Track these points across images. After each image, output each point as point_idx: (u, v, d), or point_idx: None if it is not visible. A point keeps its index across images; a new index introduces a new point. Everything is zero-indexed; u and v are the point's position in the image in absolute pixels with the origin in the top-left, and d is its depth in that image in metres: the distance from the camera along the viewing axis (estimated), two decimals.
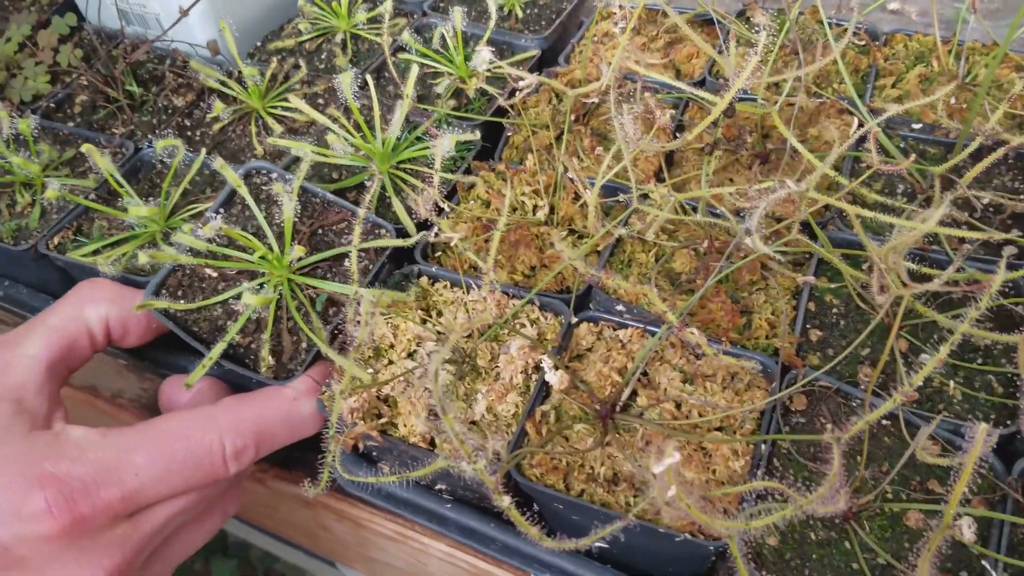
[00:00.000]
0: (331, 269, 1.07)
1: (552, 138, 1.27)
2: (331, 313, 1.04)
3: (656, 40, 1.42)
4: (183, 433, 0.87)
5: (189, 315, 1.02)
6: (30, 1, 1.70)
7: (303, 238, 1.07)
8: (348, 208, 1.10)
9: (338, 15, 1.47)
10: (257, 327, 1.02)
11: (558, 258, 1.10)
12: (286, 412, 0.95)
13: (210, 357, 0.96)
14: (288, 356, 1.00)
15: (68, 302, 0.99)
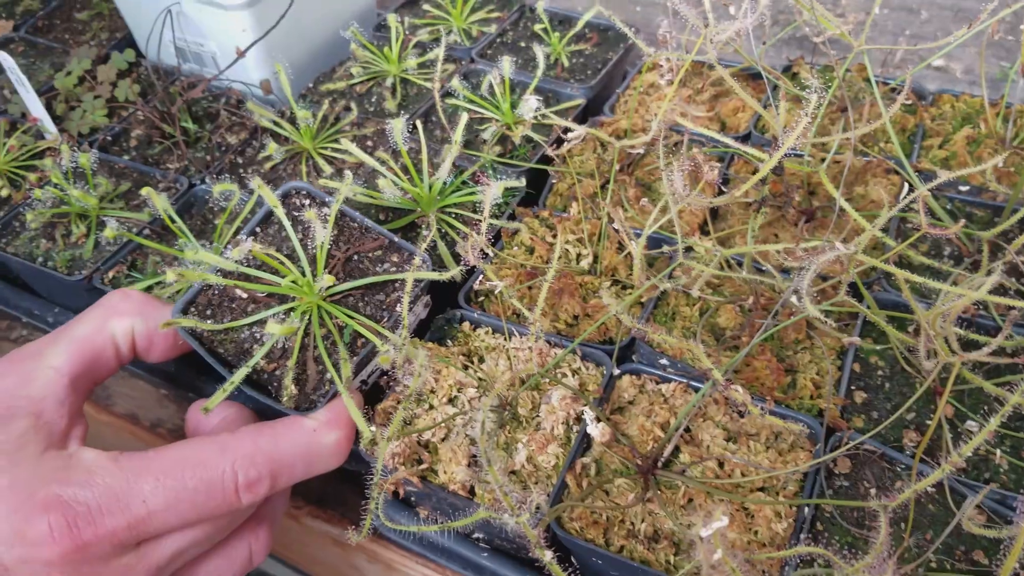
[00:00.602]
0: (363, 298, 1.03)
1: (597, 187, 1.28)
2: (359, 344, 0.99)
3: (702, 93, 1.43)
4: (195, 461, 0.83)
5: (216, 336, 0.99)
6: (90, 36, 1.75)
7: (337, 264, 1.04)
8: (385, 236, 1.06)
9: (389, 60, 1.50)
10: (283, 353, 0.98)
11: (602, 308, 1.10)
12: (305, 444, 0.91)
13: (232, 382, 0.93)
14: (312, 386, 0.96)
15: (95, 313, 0.95)
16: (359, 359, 0.95)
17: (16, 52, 1.70)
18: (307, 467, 0.91)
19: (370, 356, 0.97)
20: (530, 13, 1.66)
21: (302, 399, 0.95)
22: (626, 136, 1.35)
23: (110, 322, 0.94)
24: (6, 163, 1.41)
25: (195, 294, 1.00)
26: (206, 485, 0.83)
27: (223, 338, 0.98)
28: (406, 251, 1.04)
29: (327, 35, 1.63)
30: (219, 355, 0.97)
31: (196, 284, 1.01)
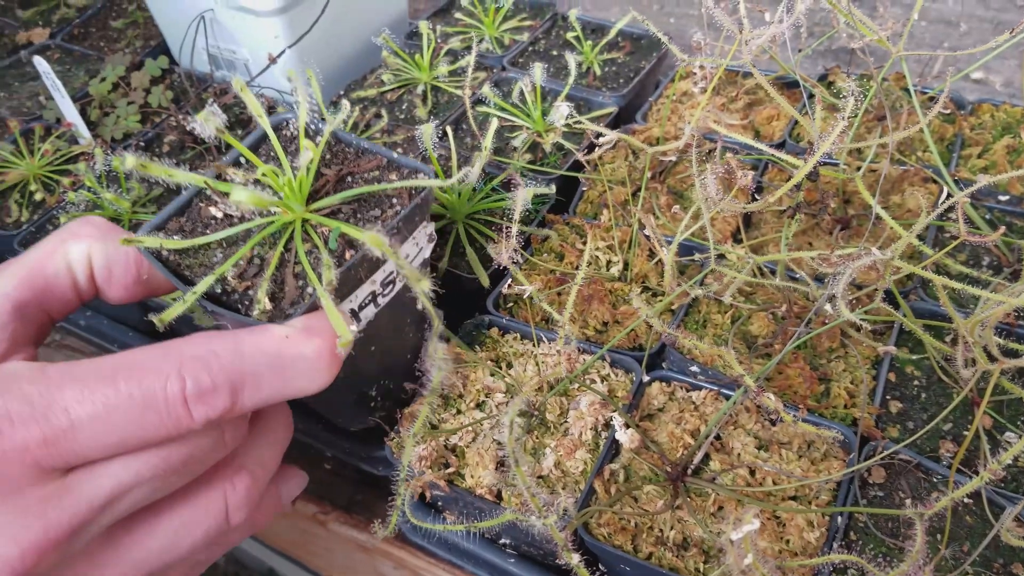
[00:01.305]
0: (355, 215, 0.85)
1: (628, 194, 1.27)
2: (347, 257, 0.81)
3: (736, 101, 1.42)
4: (131, 364, 0.66)
5: (184, 259, 0.81)
6: (125, 43, 1.77)
7: (328, 183, 0.88)
8: (384, 154, 0.90)
9: (420, 67, 1.51)
10: (259, 271, 0.81)
11: (631, 314, 1.09)
12: (274, 351, 0.71)
13: (194, 291, 0.75)
14: (290, 301, 0.78)
15: (50, 238, 0.81)
16: (345, 268, 0.78)
17: (52, 59, 1.73)
18: (280, 382, 0.72)
19: (358, 273, 0.82)
20: (562, 21, 1.65)
21: (277, 314, 0.77)
22: (658, 144, 1.34)
23: (66, 245, 0.80)
24: (40, 167, 1.43)
25: (166, 218, 0.84)
26: (144, 392, 0.65)
27: (192, 262, 0.81)
28: (407, 168, 0.89)
29: (359, 43, 1.64)
30: (187, 280, 0.80)
31: (168, 208, 0.85)
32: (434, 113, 1.48)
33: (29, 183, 1.41)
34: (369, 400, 1.01)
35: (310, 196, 0.84)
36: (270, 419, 0.83)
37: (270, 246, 0.81)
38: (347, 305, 0.83)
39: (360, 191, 0.85)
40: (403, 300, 0.91)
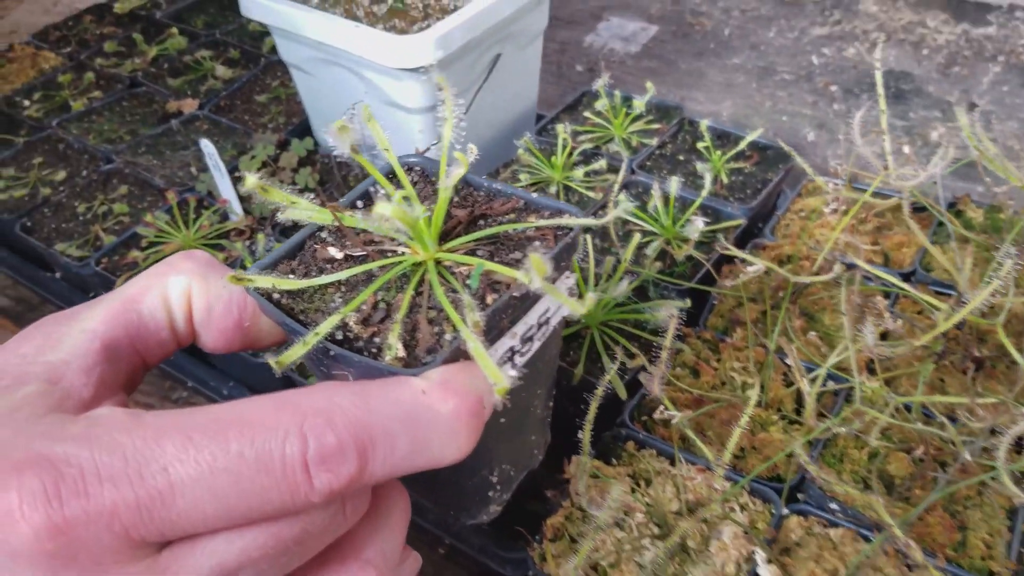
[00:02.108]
0: (492, 258, 0.76)
1: (759, 312, 1.31)
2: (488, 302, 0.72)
3: (865, 223, 1.45)
4: (243, 418, 0.55)
5: (298, 302, 0.74)
6: (268, 119, 1.87)
7: (459, 224, 0.80)
8: (520, 195, 0.81)
9: (554, 167, 1.57)
10: (386, 316, 0.73)
11: (769, 443, 1.12)
12: (408, 406, 0.60)
13: (316, 333, 0.68)
14: (424, 348, 0.70)
15: (148, 271, 0.71)
16: (492, 310, 0.70)
17: (200, 130, 1.83)
18: (414, 441, 0.60)
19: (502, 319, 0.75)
20: (689, 126, 1.71)
21: (411, 362, 0.67)
22: (789, 261, 1.38)
23: (163, 279, 0.70)
24: (196, 239, 1.52)
25: (274, 260, 0.76)
26: (258, 453, 0.54)
27: (306, 307, 0.73)
28: (547, 208, 0.80)
29: (494, 135, 1.72)
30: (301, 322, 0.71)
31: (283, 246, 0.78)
32: None
33: None
34: (489, 487, 0.92)
35: (440, 237, 0.77)
36: (389, 496, 0.68)
37: (397, 290, 0.73)
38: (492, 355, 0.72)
39: (498, 230, 0.76)
40: (537, 365, 0.84)
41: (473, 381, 0.64)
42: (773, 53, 2.33)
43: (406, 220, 0.67)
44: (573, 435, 1.14)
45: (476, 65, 1.56)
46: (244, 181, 0.68)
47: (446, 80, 0.82)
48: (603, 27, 2.56)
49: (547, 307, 0.80)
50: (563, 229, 0.77)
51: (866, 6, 2.45)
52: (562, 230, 0.77)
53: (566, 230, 0.77)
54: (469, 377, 0.64)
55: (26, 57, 2.13)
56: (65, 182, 1.73)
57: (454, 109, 0.86)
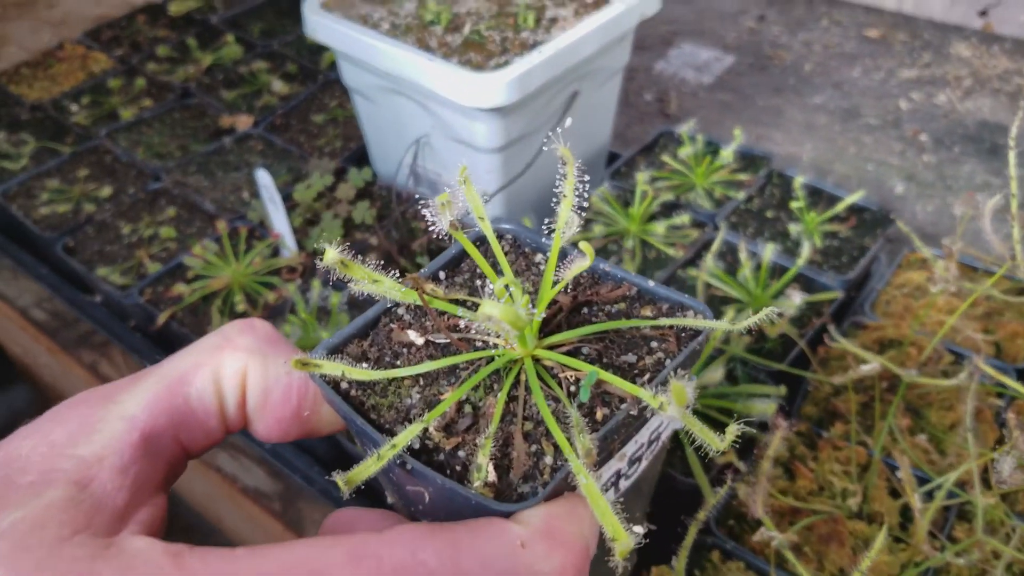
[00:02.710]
0: (600, 359, 0.64)
1: (860, 403, 1.18)
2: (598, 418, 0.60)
3: (975, 307, 1.32)
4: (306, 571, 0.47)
5: (369, 395, 0.64)
6: (324, 141, 1.77)
7: (561, 312, 0.68)
8: (633, 281, 0.69)
9: (631, 218, 1.45)
10: (474, 422, 0.61)
11: (875, 564, 1.00)
12: (506, 562, 0.50)
13: (393, 444, 0.56)
14: (521, 472, 0.58)
15: (200, 345, 0.62)
16: (605, 432, 0.57)
17: (254, 150, 1.74)
18: None
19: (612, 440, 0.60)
20: (778, 179, 1.58)
21: (504, 489, 0.57)
22: (892, 346, 1.25)
23: (217, 356, 0.61)
24: (246, 275, 1.42)
25: (344, 339, 0.67)
26: None
27: (378, 401, 0.63)
28: (667, 302, 0.68)
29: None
30: (374, 423, 0.62)
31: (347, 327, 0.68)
32: (642, 271, 1.42)
33: (233, 292, 1.40)
34: None
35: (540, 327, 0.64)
36: None
37: (486, 390, 0.62)
38: (600, 477, 0.61)
39: (608, 326, 0.64)
40: (640, 486, 0.72)
41: (581, 527, 0.54)
42: (857, 94, 2.19)
43: (515, 323, 0.55)
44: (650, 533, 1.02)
45: (552, 103, 1.45)
46: (324, 256, 0.57)
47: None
48: (674, 54, 2.43)
49: (660, 422, 0.66)
50: (687, 329, 0.65)
51: (958, 50, 2.30)
52: (685, 329, 0.65)
53: (691, 330, 0.64)
54: (576, 522, 0.53)
55: (76, 58, 2.05)
56: (111, 199, 1.64)
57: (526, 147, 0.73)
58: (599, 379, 0.59)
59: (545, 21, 1.46)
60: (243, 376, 0.60)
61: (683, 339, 0.64)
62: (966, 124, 2.05)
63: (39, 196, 1.65)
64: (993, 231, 1.06)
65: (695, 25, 2.55)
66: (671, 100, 2.25)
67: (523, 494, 0.56)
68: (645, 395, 0.54)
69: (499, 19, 1.46)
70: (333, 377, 0.61)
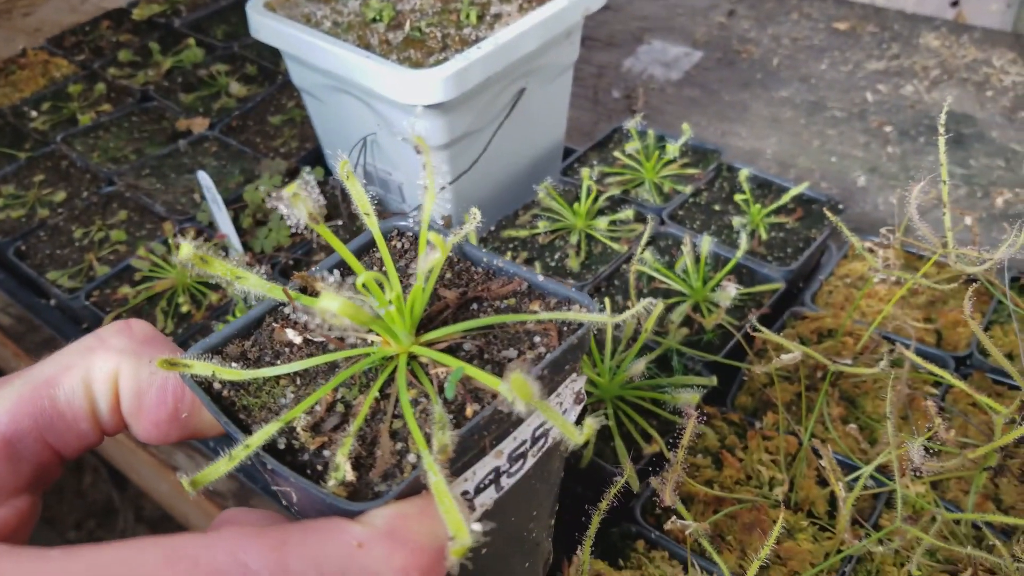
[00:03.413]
0: (481, 355, 0.63)
1: (794, 393, 1.18)
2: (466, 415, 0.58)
3: (917, 295, 1.31)
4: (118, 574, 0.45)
5: (242, 395, 0.62)
6: (280, 142, 1.77)
7: (447, 309, 0.67)
8: (524, 276, 0.68)
9: (576, 214, 1.45)
10: (344, 421, 0.60)
11: (796, 553, 0.99)
12: (339, 563, 0.48)
13: (246, 445, 0.54)
14: (382, 470, 0.56)
15: (72, 347, 0.60)
16: (467, 429, 0.56)
17: (209, 152, 1.74)
18: None
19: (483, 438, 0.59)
20: (728, 172, 1.57)
21: (362, 488, 0.56)
22: (830, 336, 1.24)
23: (88, 358, 0.60)
24: (191, 277, 1.42)
25: (223, 339, 0.65)
26: None
27: (252, 401, 0.62)
28: (554, 296, 0.66)
29: (515, 172, 1.60)
30: (241, 424, 0.60)
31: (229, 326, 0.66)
32: (587, 265, 1.42)
33: (178, 293, 1.41)
34: None
35: (421, 324, 0.64)
36: None
37: (361, 388, 0.62)
38: (460, 486, 0.60)
39: (489, 321, 0.64)
40: (533, 483, 0.70)
41: (433, 527, 0.52)
42: (824, 87, 2.18)
43: (360, 319, 0.54)
44: (579, 524, 1.02)
45: (497, 100, 1.45)
46: (180, 250, 0.57)
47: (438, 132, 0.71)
48: (644, 51, 2.43)
49: (544, 419, 0.65)
50: (571, 323, 0.64)
51: (927, 40, 2.29)
52: (569, 324, 0.64)
53: (574, 325, 0.64)
54: (427, 522, 0.52)
55: (38, 64, 2.06)
56: (64, 203, 1.65)
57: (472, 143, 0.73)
58: (470, 376, 0.58)
59: (488, 17, 1.46)
60: (115, 378, 0.59)
61: (565, 334, 0.63)
62: (932, 115, 2.04)
63: None
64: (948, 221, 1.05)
65: (665, 21, 2.54)
66: (638, 97, 2.24)
67: (379, 493, 0.55)
68: (503, 390, 0.52)
69: (442, 16, 1.46)
70: (204, 377, 0.60)
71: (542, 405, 0.52)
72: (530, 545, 0.78)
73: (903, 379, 1.05)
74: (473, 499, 0.61)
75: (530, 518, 0.75)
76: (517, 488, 0.67)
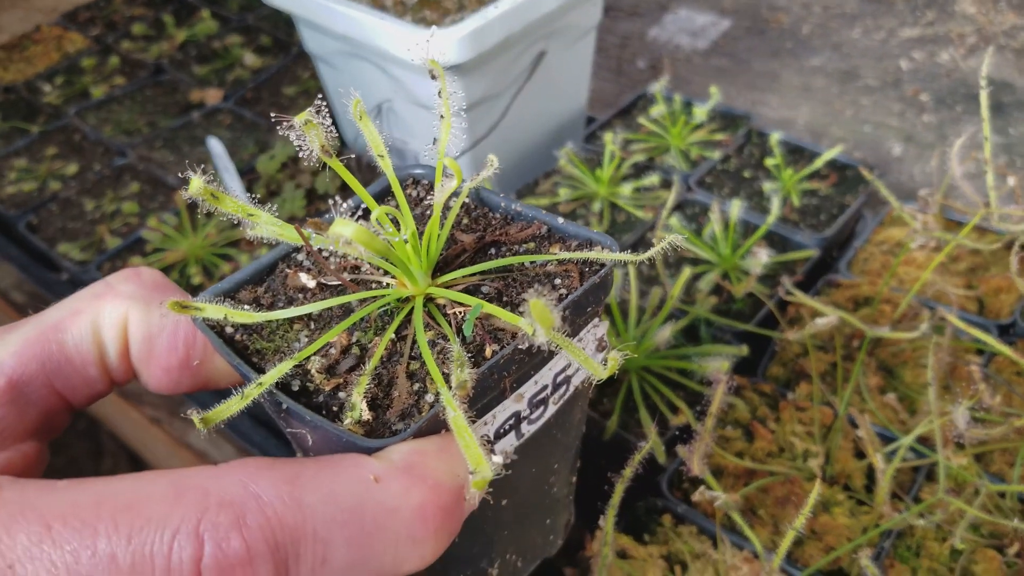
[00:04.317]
0: (500, 298, 0.60)
1: (829, 363, 1.12)
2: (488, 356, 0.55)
3: (957, 262, 1.24)
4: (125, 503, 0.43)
5: (255, 339, 0.59)
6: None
7: (464, 253, 0.64)
8: (543, 219, 0.64)
9: (599, 181, 1.39)
10: (360, 363, 0.57)
11: (832, 528, 0.94)
12: (353, 500, 0.46)
13: (259, 383, 0.52)
14: (399, 410, 0.54)
15: (80, 294, 0.59)
16: (487, 368, 0.53)
17: (223, 124, 1.70)
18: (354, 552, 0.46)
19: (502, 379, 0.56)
20: (758, 138, 1.51)
21: (379, 427, 0.53)
22: (867, 304, 1.18)
23: (96, 304, 0.58)
24: (202, 247, 1.38)
25: (236, 284, 0.62)
26: (136, 555, 0.41)
27: (266, 345, 0.59)
28: (575, 238, 0.63)
29: (536, 139, 1.55)
30: (254, 365, 0.57)
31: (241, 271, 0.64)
32: (610, 233, 1.36)
33: (189, 264, 1.37)
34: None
35: (438, 267, 0.61)
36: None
37: (376, 331, 0.59)
38: (480, 429, 0.57)
39: (508, 261, 0.61)
40: (554, 433, 0.68)
41: (451, 465, 0.50)
42: (857, 55, 2.11)
43: (374, 247, 0.51)
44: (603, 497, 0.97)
45: (516, 64, 1.39)
46: (190, 186, 0.53)
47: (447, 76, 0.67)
48: (670, 19, 2.36)
49: (567, 363, 0.63)
50: (592, 264, 0.61)
51: (963, 7, 2.21)
52: (591, 265, 0.61)
53: (596, 265, 0.60)
54: (446, 459, 0.50)
55: (51, 39, 2.03)
56: (76, 176, 1.62)
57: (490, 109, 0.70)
58: (489, 315, 0.56)
59: None
60: (124, 324, 0.57)
61: (587, 275, 0.60)
62: (969, 83, 1.96)
63: (7, 175, 1.63)
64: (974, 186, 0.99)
65: None
66: (664, 67, 2.18)
67: (397, 431, 0.52)
68: (523, 323, 0.50)
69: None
70: (217, 321, 0.58)
71: (563, 340, 0.50)
72: (551, 500, 0.75)
73: (945, 345, 0.99)
74: (493, 444, 0.59)
75: (551, 471, 0.73)
76: (538, 437, 0.64)
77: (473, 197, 0.68)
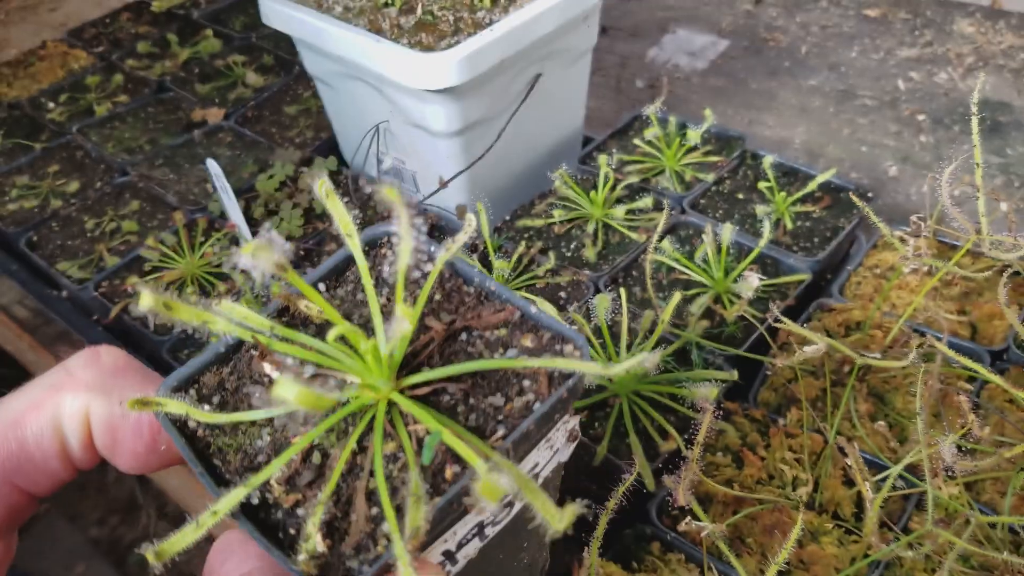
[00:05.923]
0: (466, 399, 0.57)
1: (820, 388, 1.12)
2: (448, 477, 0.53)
3: (951, 286, 1.25)
4: None
5: (218, 435, 0.58)
6: (296, 132, 1.74)
7: (432, 342, 0.61)
8: (516, 304, 0.62)
9: (593, 203, 1.40)
10: (320, 475, 0.55)
11: (820, 558, 0.94)
12: None
13: (213, 511, 0.51)
14: (355, 541, 0.52)
15: (40, 382, 0.58)
16: (444, 501, 0.51)
17: (223, 143, 1.71)
18: None
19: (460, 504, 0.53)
20: (752, 160, 1.52)
21: (333, 561, 0.52)
22: (858, 329, 1.19)
23: (55, 397, 0.57)
24: (200, 267, 1.40)
25: (200, 367, 0.60)
26: None
27: (227, 442, 0.58)
28: (548, 331, 0.61)
29: (532, 160, 1.56)
30: (216, 472, 0.57)
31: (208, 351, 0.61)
32: (604, 255, 1.37)
33: (186, 283, 1.38)
34: None
35: (404, 362, 0.59)
36: None
37: (339, 436, 0.57)
38: (440, 547, 0.56)
39: (477, 366, 0.58)
40: (521, 521, 0.65)
41: None
42: (854, 75, 2.11)
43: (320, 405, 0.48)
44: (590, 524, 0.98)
45: (512, 85, 1.40)
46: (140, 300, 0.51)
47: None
48: (668, 40, 2.38)
49: (536, 462, 0.62)
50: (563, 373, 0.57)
51: (961, 27, 2.21)
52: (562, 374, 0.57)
53: (567, 374, 0.57)
54: None
55: (56, 56, 2.05)
56: (77, 194, 1.63)
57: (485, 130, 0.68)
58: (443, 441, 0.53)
59: (503, 0, 1.41)
60: (85, 415, 0.57)
61: (555, 380, 0.58)
62: (967, 103, 1.97)
63: (8, 192, 1.65)
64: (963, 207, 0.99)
65: (691, 10, 2.48)
66: (663, 87, 2.19)
67: (350, 570, 0.51)
68: (481, 468, 0.48)
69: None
70: (179, 416, 0.57)
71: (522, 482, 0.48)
72: (521, 569, 0.73)
73: (935, 373, 0.99)
74: (455, 553, 0.57)
75: (520, 549, 0.71)
76: (504, 531, 0.62)
77: (448, 269, 0.65)
